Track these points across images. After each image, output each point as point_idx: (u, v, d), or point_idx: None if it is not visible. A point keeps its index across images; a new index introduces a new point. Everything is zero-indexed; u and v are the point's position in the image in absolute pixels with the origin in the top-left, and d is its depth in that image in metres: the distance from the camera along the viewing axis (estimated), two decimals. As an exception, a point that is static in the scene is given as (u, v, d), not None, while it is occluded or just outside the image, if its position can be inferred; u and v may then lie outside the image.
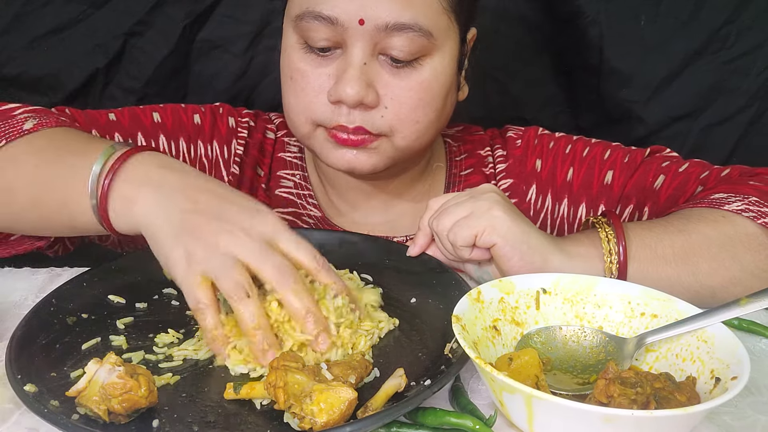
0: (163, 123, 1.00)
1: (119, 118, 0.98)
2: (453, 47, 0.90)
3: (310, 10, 0.84)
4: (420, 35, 0.84)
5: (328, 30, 0.84)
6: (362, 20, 0.82)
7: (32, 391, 0.59)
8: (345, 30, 0.83)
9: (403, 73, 0.86)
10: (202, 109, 1.05)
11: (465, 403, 0.62)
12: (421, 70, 0.87)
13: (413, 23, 0.83)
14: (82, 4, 1.28)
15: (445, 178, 1.08)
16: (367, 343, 0.70)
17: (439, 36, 0.86)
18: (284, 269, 0.67)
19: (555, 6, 1.34)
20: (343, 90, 0.84)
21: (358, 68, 0.84)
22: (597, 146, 1.04)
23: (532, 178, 1.05)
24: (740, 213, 0.81)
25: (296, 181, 1.07)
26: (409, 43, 0.84)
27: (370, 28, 0.82)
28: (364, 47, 0.84)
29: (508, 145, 1.08)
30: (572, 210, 1.03)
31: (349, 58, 0.85)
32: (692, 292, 0.78)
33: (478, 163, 1.08)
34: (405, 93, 0.87)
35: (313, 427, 0.55)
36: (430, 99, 0.88)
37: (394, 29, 0.82)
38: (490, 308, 0.68)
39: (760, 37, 1.30)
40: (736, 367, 0.57)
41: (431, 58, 0.87)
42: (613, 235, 0.79)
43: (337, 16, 0.82)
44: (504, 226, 0.76)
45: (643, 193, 0.99)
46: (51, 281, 0.86)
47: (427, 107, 0.89)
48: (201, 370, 0.67)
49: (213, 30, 1.34)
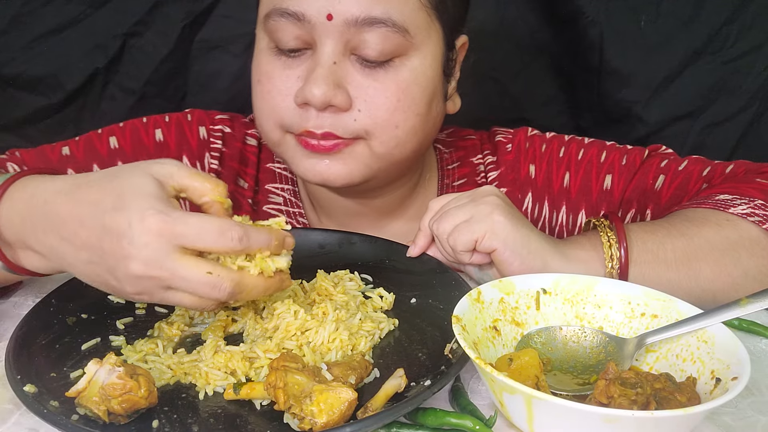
0: (121, 148, 0.95)
1: (73, 151, 0.94)
2: (435, 49, 0.85)
3: (277, 8, 0.80)
4: (394, 31, 0.79)
5: (295, 28, 0.80)
6: (330, 15, 0.78)
7: (32, 392, 0.59)
8: (313, 27, 0.79)
9: (378, 74, 0.81)
10: (167, 120, 0.99)
11: (465, 403, 0.62)
12: (398, 71, 0.82)
13: (386, 18, 0.78)
14: (82, 4, 1.29)
15: (437, 190, 1.03)
16: (368, 343, 0.70)
17: (416, 34, 0.81)
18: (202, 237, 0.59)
19: (555, 6, 1.34)
20: (309, 90, 0.79)
21: (326, 67, 0.80)
22: (591, 148, 1.01)
23: (527, 185, 1.02)
24: (745, 217, 0.80)
25: (286, 197, 1.02)
26: (382, 40, 0.79)
27: (339, 24, 0.78)
28: (333, 45, 0.80)
29: (498, 151, 1.04)
30: (571, 217, 1.01)
31: (318, 58, 0.80)
32: (694, 296, 0.77)
33: (471, 173, 1.04)
34: (380, 94, 0.81)
35: (313, 427, 0.55)
36: (410, 102, 0.83)
37: (365, 24, 0.78)
38: (491, 308, 0.68)
39: (760, 37, 1.30)
40: (736, 367, 0.57)
41: (408, 58, 0.82)
42: (615, 240, 0.78)
43: (304, 12, 0.79)
44: (504, 231, 0.74)
45: (644, 196, 0.97)
46: (51, 281, 0.86)
47: (407, 111, 0.83)
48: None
49: (212, 30, 1.34)
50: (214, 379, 0.63)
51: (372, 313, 0.75)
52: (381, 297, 0.78)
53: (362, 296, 0.79)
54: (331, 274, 0.82)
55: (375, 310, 0.76)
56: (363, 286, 0.81)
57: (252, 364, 0.66)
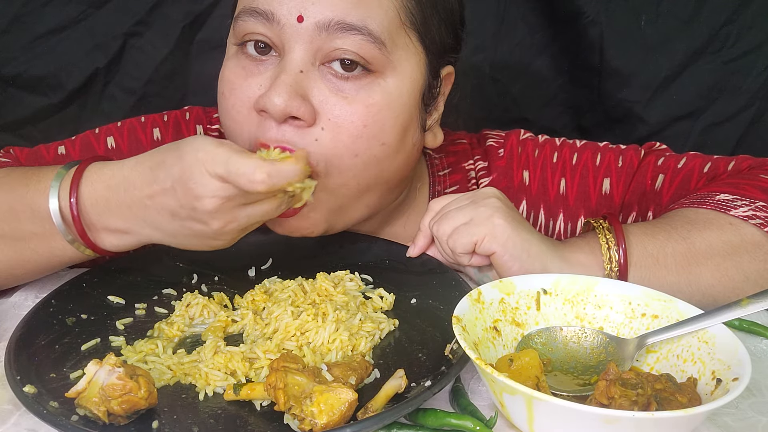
0: (118, 147, 0.93)
1: (69, 151, 0.93)
2: (415, 73, 0.78)
3: (247, 7, 0.75)
4: (369, 41, 0.73)
5: (264, 29, 0.74)
6: (301, 17, 0.72)
7: (32, 392, 0.59)
8: (282, 28, 0.73)
9: (348, 90, 0.74)
10: (165, 119, 0.97)
11: (465, 404, 0.62)
12: (370, 91, 0.75)
13: (361, 25, 0.72)
14: (82, 4, 1.29)
15: (429, 197, 0.98)
16: (368, 344, 0.70)
17: (393, 50, 0.75)
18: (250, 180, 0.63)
19: (555, 6, 1.34)
20: (269, 99, 0.72)
21: (292, 75, 0.73)
22: (585, 151, 0.97)
23: (521, 193, 0.97)
24: (747, 220, 0.79)
25: None
26: (356, 48, 0.73)
27: (310, 27, 0.72)
28: (303, 52, 0.73)
29: (489, 156, 0.99)
30: (570, 225, 0.97)
31: (284, 64, 0.74)
32: (694, 301, 0.75)
33: (462, 179, 0.99)
34: (347, 114, 0.74)
35: (314, 428, 0.55)
36: (377, 129, 0.75)
37: (339, 29, 0.72)
38: (491, 309, 0.68)
39: (760, 37, 1.30)
40: (737, 368, 0.57)
41: (384, 77, 0.76)
42: (614, 242, 0.77)
43: (274, 11, 0.73)
44: (504, 234, 0.74)
45: (645, 198, 0.94)
46: (51, 281, 0.86)
47: (372, 139, 0.75)
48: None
49: (212, 30, 1.34)
50: (214, 380, 0.63)
51: (372, 313, 0.75)
52: (381, 297, 0.78)
53: (362, 297, 0.79)
54: (331, 275, 0.82)
55: (375, 311, 0.76)
56: (363, 287, 0.81)
57: (252, 365, 0.66)
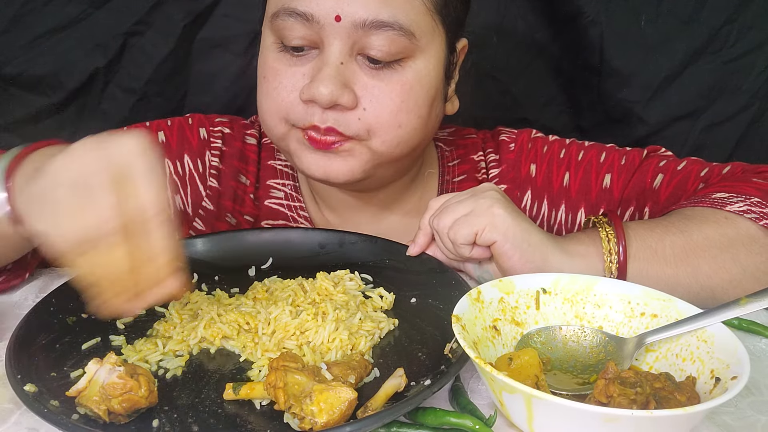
0: None
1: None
2: (439, 52, 0.87)
3: (286, 7, 0.81)
4: (400, 35, 0.80)
5: (303, 28, 0.81)
6: (338, 17, 0.79)
7: (32, 391, 0.59)
8: (321, 27, 0.80)
9: (384, 75, 0.83)
10: (169, 123, 1.02)
11: (465, 403, 0.62)
12: (402, 72, 0.83)
13: (393, 21, 0.80)
14: (82, 4, 1.28)
15: (438, 185, 1.06)
16: (367, 343, 0.70)
17: (422, 37, 0.83)
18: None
19: (555, 6, 1.34)
20: (317, 89, 0.80)
21: (333, 67, 0.81)
22: (592, 149, 1.03)
23: (526, 183, 1.03)
24: (742, 214, 0.81)
25: (287, 192, 1.04)
26: (388, 43, 0.80)
27: (347, 26, 0.79)
28: (341, 46, 0.81)
29: (501, 150, 1.06)
30: (570, 216, 1.02)
31: (325, 57, 0.81)
32: (692, 293, 0.78)
33: (471, 169, 1.06)
34: (386, 95, 0.83)
35: (313, 427, 0.55)
36: (413, 103, 0.85)
37: (373, 27, 0.79)
38: (490, 308, 0.68)
39: (760, 37, 1.30)
40: (736, 366, 0.57)
41: (414, 60, 0.84)
42: (614, 235, 0.79)
43: (313, 12, 0.80)
44: (504, 224, 0.76)
45: (643, 195, 0.98)
46: (51, 281, 0.86)
47: (410, 112, 0.85)
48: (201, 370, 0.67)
49: (213, 30, 1.34)
50: (223, 333, 0.70)
51: (372, 312, 0.75)
52: (381, 297, 0.78)
53: (362, 296, 0.79)
54: (331, 274, 0.82)
55: (375, 310, 0.76)
56: (363, 286, 0.81)
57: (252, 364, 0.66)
